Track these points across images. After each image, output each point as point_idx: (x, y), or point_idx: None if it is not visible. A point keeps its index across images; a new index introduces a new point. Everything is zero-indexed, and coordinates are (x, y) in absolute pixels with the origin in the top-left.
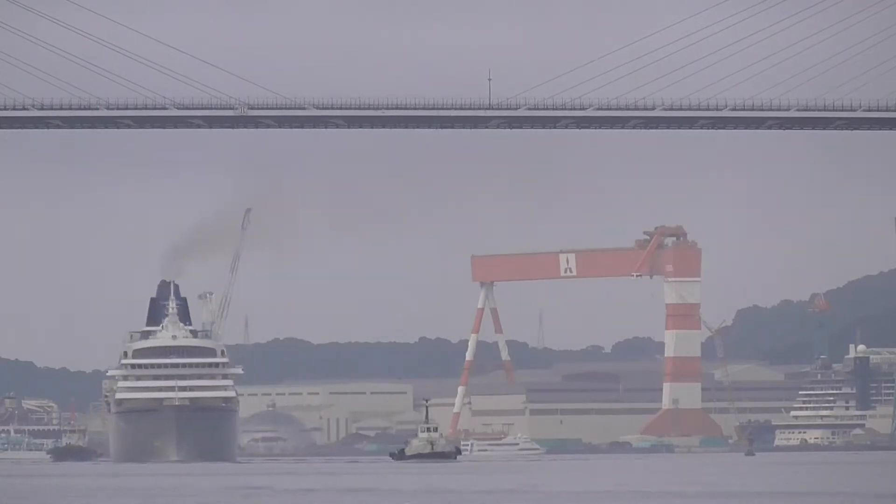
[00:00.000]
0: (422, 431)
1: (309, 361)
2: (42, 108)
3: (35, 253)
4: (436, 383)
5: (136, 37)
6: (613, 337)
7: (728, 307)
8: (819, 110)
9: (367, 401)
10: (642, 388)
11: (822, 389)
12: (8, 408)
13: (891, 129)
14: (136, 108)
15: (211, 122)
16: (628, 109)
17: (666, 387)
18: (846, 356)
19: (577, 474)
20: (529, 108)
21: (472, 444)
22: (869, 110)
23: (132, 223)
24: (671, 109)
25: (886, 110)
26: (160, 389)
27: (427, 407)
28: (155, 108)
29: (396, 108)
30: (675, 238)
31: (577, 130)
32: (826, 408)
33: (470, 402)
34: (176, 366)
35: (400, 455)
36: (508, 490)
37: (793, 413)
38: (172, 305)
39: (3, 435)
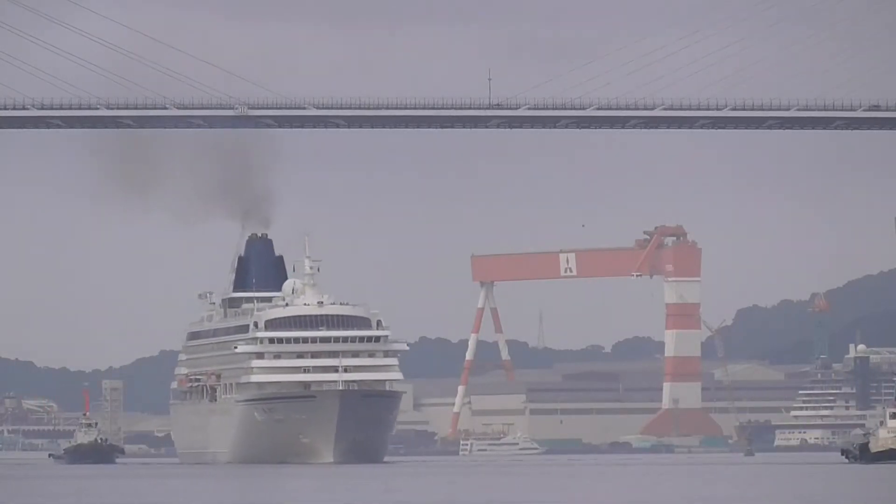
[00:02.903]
0: None
1: None
2: (42, 108)
3: (35, 252)
4: (436, 383)
5: (137, 36)
6: (613, 337)
7: (728, 307)
8: (819, 110)
9: None
10: (642, 388)
11: (822, 389)
12: (7, 408)
13: (891, 128)
14: (136, 108)
15: (211, 122)
16: (628, 109)
17: (666, 387)
18: (846, 356)
19: (570, 481)
20: (529, 108)
21: (471, 444)
22: (869, 110)
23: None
24: (671, 109)
25: (886, 110)
26: (313, 370)
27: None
28: (155, 108)
29: (396, 108)
30: (675, 238)
31: (578, 130)
32: (826, 408)
33: (470, 402)
34: (328, 340)
35: None
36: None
37: (793, 413)
38: (307, 264)
39: None
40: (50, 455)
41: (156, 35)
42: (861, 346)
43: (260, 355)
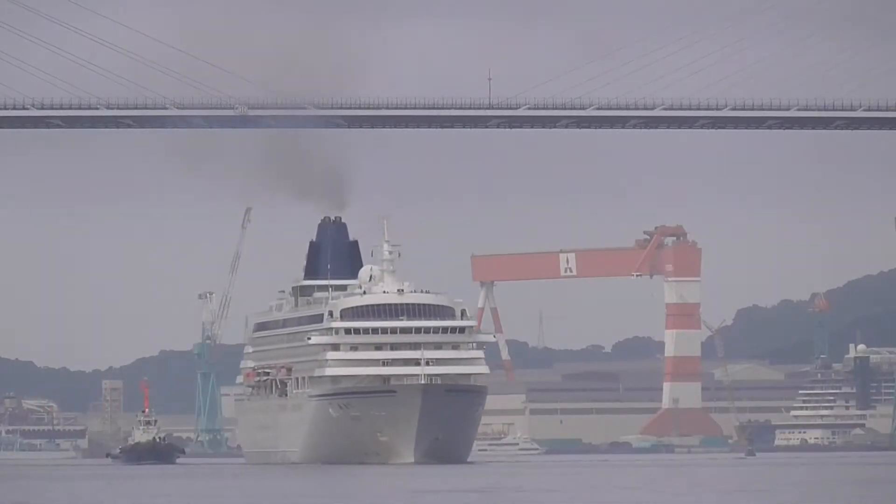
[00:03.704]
0: None
1: None
2: (42, 108)
3: (35, 252)
4: None
5: (137, 36)
6: (613, 337)
7: (728, 307)
8: (819, 110)
9: None
10: (642, 388)
11: (822, 389)
12: (7, 408)
13: (891, 128)
14: (136, 108)
15: (211, 122)
16: (628, 109)
17: (666, 386)
18: (846, 356)
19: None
20: (529, 108)
21: None
22: (869, 110)
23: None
24: (671, 109)
25: (886, 110)
26: (392, 363)
27: None
28: (155, 108)
29: (396, 108)
30: (675, 238)
31: (578, 130)
32: (826, 408)
33: None
34: (408, 330)
35: None
36: None
37: (793, 413)
38: (386, 248)
39: None
40: (107, 455)
41: (156, 35)
42: (861, 346)
43: (335, 347)
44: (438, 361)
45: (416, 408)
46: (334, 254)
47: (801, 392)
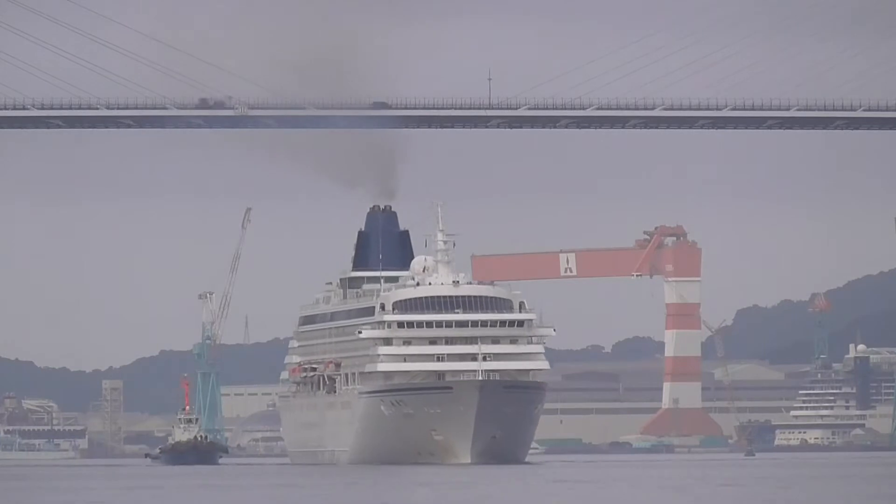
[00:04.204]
0: None
1: None
2: (42, 108)
3: (35, 252)
4: None
5: (136, 36)
6: (613, 337)
7: (728, 307)
8: (819, 110)
9: None
10: (642, 388)
11: (822, 389)
12: (7, 408)
13: (891, 128)
14: (136, 108)
15: (211, 122)
16: (628, 109)
17: (666, 386)
18: (846, 356)
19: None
20: (529, 108)
21: None
22: (869, 110)
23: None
24: (671, 109)
25: (886, 110)
26: (448, 358)
27: None
28: (154, 108)
29: (396, 108)
30: (675, 238)
31: (578, 130)
32: (826, 408)
33: None
34: (465, 324)
35: None
36: None
37: (793, 413)
38: (440, 238)
39: None
40: (146, 455)
41: (156, 35)
42: (861, 346)
43: (387, 341)
44: (496, 356)
45: (473, 405)
46: (384, 244)
47: (801, 392)
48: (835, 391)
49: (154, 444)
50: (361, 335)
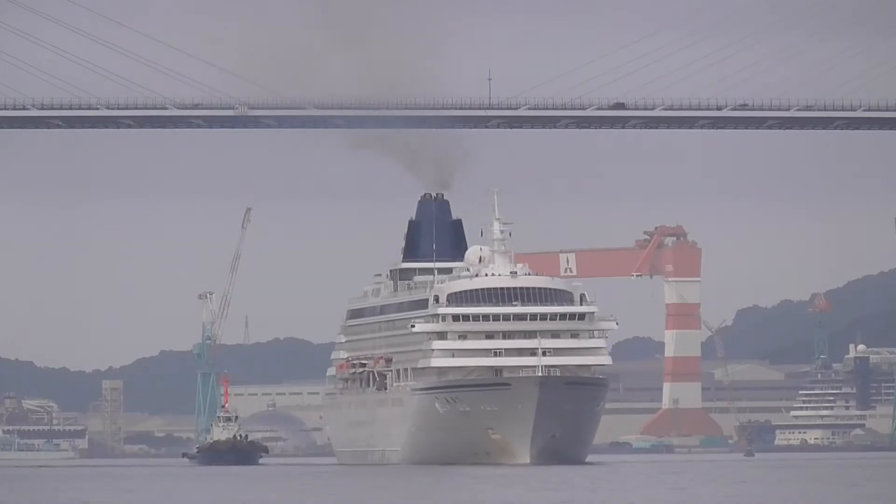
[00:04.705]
0: None
1: (309, 361)
2: (42, 108)
3: (35, 252)
4: None
5: (136, 36)
6: (613, 337)
7: (728, 307)
8: (819, 110)
9: None
10: (642, 388)
11: (822, 389)
12: (7, 408)
13: (891, 128)
14: (136, 108)
15: (211, 122)
16: (629, 109)
17: (666, 387)
18: (846, 356)
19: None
20: (529, 108)
21: None
22: (869, 110)
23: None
24: (671, 109)
25: (886, 110)
26: (506, 353)
27: None
28: (155, 108)
29: (396, 108)
30: (675, 238)
31: (578, 130)
32: (826, 408)
33: None
34: (523, 317)
35: None
36: None
37: (793, 413)
38: (497, 227)
39: None
40: (183, 454)
41: (156, 35)
42: (861, 346)
43: (442, 335)
44: (556, 351)
45: (532, 402)
46: (437, 234)
47: (801, 392)
48: (835, 391)
49: (154, 444)
50: (414, 329)
